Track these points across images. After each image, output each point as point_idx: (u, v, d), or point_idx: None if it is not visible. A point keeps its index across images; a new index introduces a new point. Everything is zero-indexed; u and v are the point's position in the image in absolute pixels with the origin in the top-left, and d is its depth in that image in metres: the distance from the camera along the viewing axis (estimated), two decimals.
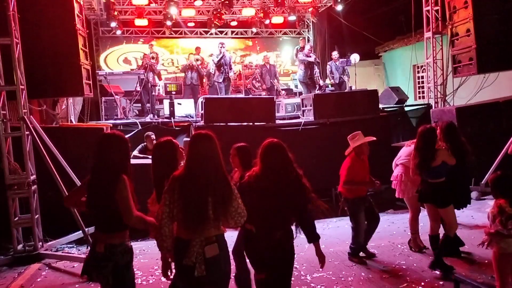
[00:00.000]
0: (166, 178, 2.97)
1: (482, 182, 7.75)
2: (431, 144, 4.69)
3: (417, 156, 4.73)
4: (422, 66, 13.25)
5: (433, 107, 10.10)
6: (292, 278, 4.69)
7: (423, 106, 10.81)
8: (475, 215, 6.91)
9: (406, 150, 5.73)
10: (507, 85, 9.73)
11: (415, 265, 5.14)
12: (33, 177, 6.15)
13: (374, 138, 5.39)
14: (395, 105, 10.80)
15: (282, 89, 13.33)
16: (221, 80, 11.65)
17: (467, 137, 5.61)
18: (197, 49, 12.99)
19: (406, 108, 10.85)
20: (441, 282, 4.59)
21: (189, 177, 2.81)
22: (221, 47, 11.73)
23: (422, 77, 13.77)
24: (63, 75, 6.98)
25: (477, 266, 4.96)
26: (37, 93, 7.01)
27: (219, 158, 2.85)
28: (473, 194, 7.87)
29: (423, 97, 13.68)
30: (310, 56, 11.94)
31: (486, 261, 4.88)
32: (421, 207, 5.52)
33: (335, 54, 12.42)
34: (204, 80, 12.66)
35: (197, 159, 2.83)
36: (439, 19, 10.13)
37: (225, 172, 2.88)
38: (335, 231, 6.83)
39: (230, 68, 11.89)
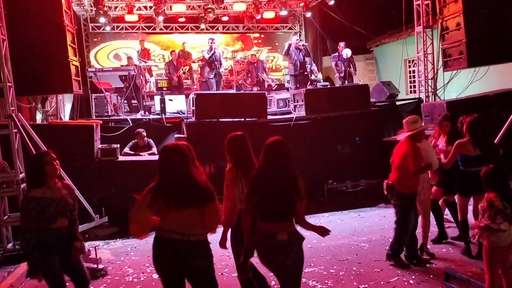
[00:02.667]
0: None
1: None
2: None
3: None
4: (413, 61, 13.26)
5: (424, 101, 10.14)
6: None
7: (414, 100, 10.84)
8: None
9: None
10: (497, 78, 9.78)
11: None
12: (22, 175, 6.10)
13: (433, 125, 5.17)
14: (386, 100, 10.82)
15: (271, 84, 13.29)
16: (212, 76, 11.59)
17: (458, 130, 5.62)
18: (183, 44, 13.15)
19: (398, 103, 10.88)
20: (431, 276, 4.62)
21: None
22: (211, 43, 11.66)
23: (414, 71, 13.79)
24: (52, 72, 6.93)
25: (467, 259, 4.99)
26: (26, 91, 6.95)
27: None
28: None
29: (415, 91, 13.73)
30: (298, 48, 11.74)
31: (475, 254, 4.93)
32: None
33: (341, 44, 12.14)
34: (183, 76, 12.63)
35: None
36: (430, 13, 10.15)
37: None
38: (327, 225, 6.74)
39: (221, 64, 11.83)
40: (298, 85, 11.50)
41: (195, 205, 3.03)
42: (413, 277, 4.63)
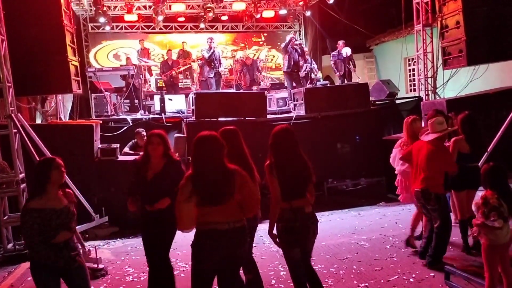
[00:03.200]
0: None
1: None
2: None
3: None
4: (413, 59, 13.24)
5: (424, 100, 10.13)
6: (284, 272, 4.73)
7: (414, 98, 10.84)
8: None
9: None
10: (497, 76, 9.77)
11: (406, 257, 5.16)
12: (22, 176, 6.10)
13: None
14: (386, 98, 10.82)
15: (272, 83, 13.29)
16: (211, 76, 11.58)
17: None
18: (183, 44, 13.11)
19: (397, 101, 10.87)
20: (432, 274, 4.61)
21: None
22: (210, 42, 11.62)
23: (413, 69, 13.78)
24: (51, 72, 6.92)
25: (467, 256, 4.98)
26: (25, 91, 6.94)
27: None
28: None
29: (414, 90, 13.71)
30: (294, 47, 11.68)
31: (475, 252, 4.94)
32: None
33: (340, 43, 12.11)
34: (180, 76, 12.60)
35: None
36: (429, 11, 10.13)
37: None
38: (327, 224, 6.83)
39: (220, 63, 11.80)
40: (294, 84, 11.51)
41: (231, 195, 3.09)
42: (413, 275, 4.63)
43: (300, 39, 15.55)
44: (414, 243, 5.33)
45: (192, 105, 8.91)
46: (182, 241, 4.24)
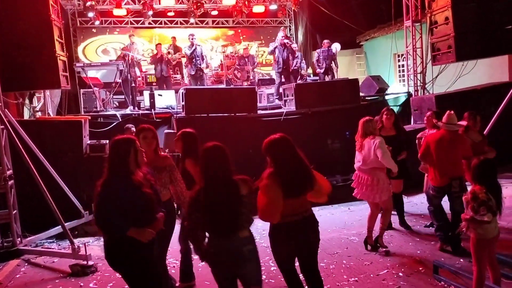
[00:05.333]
0: None
1: None
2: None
3: None
4: (402, 55, 13.32)
5: (413, 95, 10.20)
6: (274, 268, 4.74)
7: (404, 94, 10.90)
8: None
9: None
10: (485, 72, 9.86)
11: (395, 252, 5.21)
12: (9, 172, 6.02)
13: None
14: (375, 94, 10.86)
15: (261, 79, 13.28)
16: (193, 73, 11.49)
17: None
18: (173, 39, 12.84)
19: (387, 97, 10.92)
20: (420, 268, 4.66)
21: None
22: (192, 39, 11.48)
23: (403, 65, 13.86)
24: (39, 67, 6.83)
25: (456, 252, 5.04)
26: (12, 86, 6.83)
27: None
28: None
29: (404, 86, 13.79)
30: (283, 45, 11.68)
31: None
32: None
33: (325, 42, 12.19)
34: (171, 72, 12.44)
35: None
36: (419, 7, 10.18)
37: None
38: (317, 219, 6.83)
39: (202, 59, 11.66)
40: (283, 80, 11.52)
41: (311, 187, 3.37)
42: (402, 269, 4.67)
43: (291, 35, 15.55)
44: (373, 242, 5.35)
45: (182, 101, 8.86)
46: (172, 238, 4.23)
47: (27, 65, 6.72)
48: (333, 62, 12.15)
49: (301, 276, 3.60)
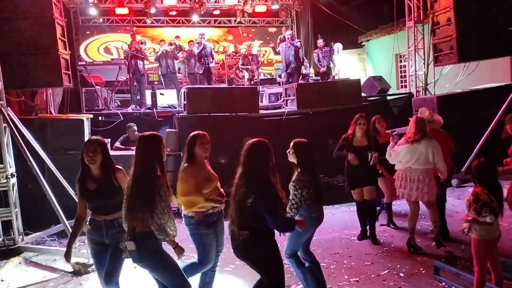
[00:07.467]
0: None
1: (462, 170, 7.87)
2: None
3: None
4: (404, 55, 13.31)
5: (415, 96, 10.19)
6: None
7: (405, 95, 10.89)
8: (455, 202, 7.01)
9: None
10: (487, 73, 9.85)
11: (397, 252, 5.22)
12: (11, 170, 6.03)
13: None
14: (377, 95, 10.86)
15: (262, 79, 13.30)
16: (201, 72, 11.51)
17: (448, 125, 5.72)
18: (177, 37, 12.82)
19: (388, 98, 10.92)
20: (421, 269, 4.66)
21: None
22: (201, 38, 11.53)
23: (404, 66, 13.85)
24: (41, 65, 6.84)
25: (457, 251, 5.05)
26: (15, 84, 6.84)
27: None
28: (454, 182, 8.00)
29: (405, 86, 13.78)
30: (290, 43, 11.70)
31: (463, 247, 5.01)
32: None
33: (320, 42, 12.33)
34: (179, 68, 12.39)
35: None
36: (421, 8, 10.18)
37: None
38: None
39: (213, 59, 11.73)
40: (290, 80, 11.53)
41: None
42: (403, 270, 4.68)
43: (292, 36, 15.53)
44: (415, 243, 5.28)
45: (184, 100, 8.87)
46: None
47: (29, 64, 6.74)
48: (330, 62, 12.22)
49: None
